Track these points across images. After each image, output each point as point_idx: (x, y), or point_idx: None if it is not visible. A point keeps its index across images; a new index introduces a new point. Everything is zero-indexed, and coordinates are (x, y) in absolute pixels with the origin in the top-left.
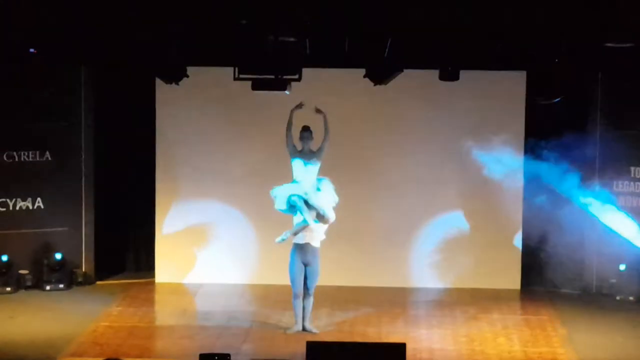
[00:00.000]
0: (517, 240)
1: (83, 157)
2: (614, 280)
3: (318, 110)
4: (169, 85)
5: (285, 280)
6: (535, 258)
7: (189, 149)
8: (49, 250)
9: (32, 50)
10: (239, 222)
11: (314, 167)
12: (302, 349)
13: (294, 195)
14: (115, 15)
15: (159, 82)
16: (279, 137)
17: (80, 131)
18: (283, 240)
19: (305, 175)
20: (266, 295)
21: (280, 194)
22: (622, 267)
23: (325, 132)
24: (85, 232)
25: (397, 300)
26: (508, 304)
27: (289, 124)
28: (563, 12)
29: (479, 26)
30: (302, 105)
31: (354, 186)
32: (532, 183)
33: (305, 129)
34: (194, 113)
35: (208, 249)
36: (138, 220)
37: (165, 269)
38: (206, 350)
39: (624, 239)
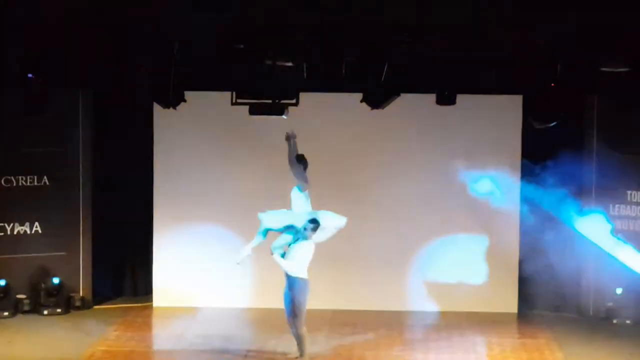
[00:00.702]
0: (514, 264)
1: (81, 181)
2: (610, 304)
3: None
4: (166, 110)
5: (282, 304)
6: (532, 281)
7: (187, 173)
8: (47, 274)
9: (30, 75)
10: (236, 246)
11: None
12: None
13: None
14: (113, 41)
15: (156, 107)
16: (276, 161)
17: (78, 156)
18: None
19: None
20: (263, 319)
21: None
22: (619, 290)
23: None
24: (83, 256)
25: (394, 324)
26: (505, 328)
27: (292, 154)
28: (559, 36)
29: (476, 51)
30: (293, 135)
31: (351, 209)
32: (529, 206)
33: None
34: (191, 137)
35: (205, 272)
36: (135, 244)
37: (162, 293)
38: None
39: (621, 262)
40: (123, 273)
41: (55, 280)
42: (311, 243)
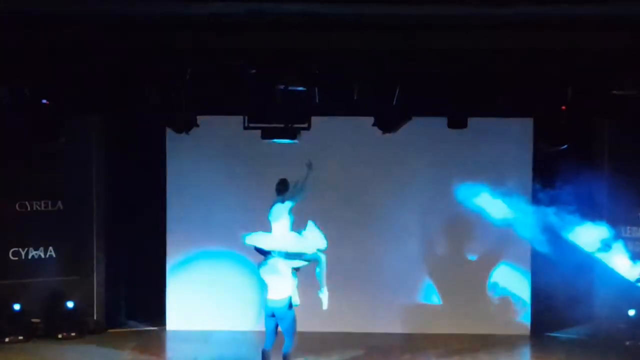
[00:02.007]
0: (526, 286)
1: (94, 206)
2: (623, 326)
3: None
4: (179, 134)
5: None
6: (544, 303)
7: (199, 197)
8: (61, 299)
9: (44, 101)
10: (249, 270)
11: None
12: None
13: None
14: (125, 66)
15: (169, 132)
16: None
17: (91, 180)
18: None
19: None
20: (276, 342)
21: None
22: (632, 312)
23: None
24: (97, 280)
25: (405, 346)
26: (518, 350)
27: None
28: (569, 60)
29: (487, 74)
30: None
31: (362, 233)
32: (540, 229)
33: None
34: (204, 162)
35: (219, 296)
36: (149, 268)
37: (176, 317)
38: None
39: (633, 284)
40: (137, 297)
41: (70, 304)
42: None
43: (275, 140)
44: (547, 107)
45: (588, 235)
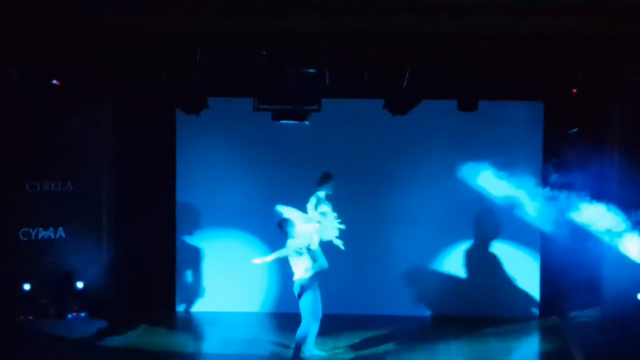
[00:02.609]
0: (536, 269)
1: (104, 186)
2: (632, 309)
3: None
4: (189, 116)
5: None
6: (553, 286)
7: (209, 178)
8: (71, 279)
9: (54, 82)
10: (259, 251)
11: None
12: None
13: None
14: (137, 48)
15: (179, 114)
16: (298, 167)
17: (101, 161)
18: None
19: None
20: (285, 323)
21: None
22: None
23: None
24: (107, 261)
25: (415, 328)
26: (527, 333)
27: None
28: (581, 43)
29: (498, 58)
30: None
31: (372, 215)
32: (550, 212)
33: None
34: (214, 143)
35: (228, 277)
36: (158, 249)
37: (185, 298)
38: None
39: None
40: (146, 278)
41: (79, 285)
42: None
43: (285, 121)
44: (558, 91)
45: (598, 219)
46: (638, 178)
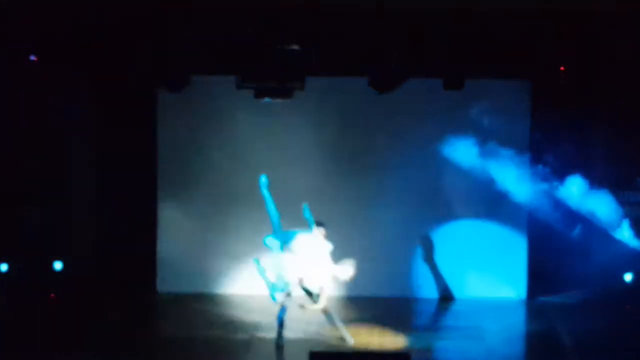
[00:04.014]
0: (523, 250)
1: (85, 164)
2: (619, 290)
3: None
4: (171, 94)
5: None
6: (540, 267)
7: (190, 157)
8: (51, 258)
9: (32, 57)
10: (240, 233)
11: None
12: (304, 359)
13: None
14: (118, 24)
15: (161, 92)
16: (281, 146)
17: (86, 138)
18: None
19: None
20: (267, 305)
21: None
22: (628, 276)
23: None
24: (87, 239)
25: (401, 310)
26: (514, 314)
27: None
28: (569, 22)
29: (484, 36)
30: None
31: (357, 194)
32: (538, 192)
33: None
34: (196, 121)
35: (209, 259)
36: (140, 228)
37: (166, 279)
38: None
39: (629, 248)
40: (127, 258)
41: (58, 266)
42: None
43: (268, 99)
44: (545, 69)
45: (586, 200)
46: (626, 158)
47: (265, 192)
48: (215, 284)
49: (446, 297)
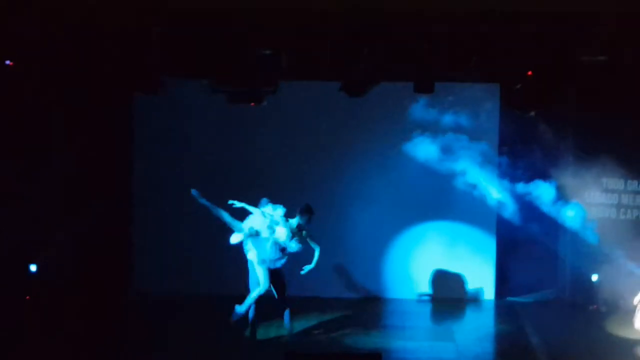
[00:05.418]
0: (491, 251)
1: (59, 166)
2: (586, 291)
3: None
4: (146, 97)
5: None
6: (508, 268)
7: (166, 159)
8: (24, 260)
9: (7, 62)
10: (215, 232)
11: None
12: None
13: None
14: (93, 27)
15: (136, 95)
16: (255, 148)
17: (62, 139)
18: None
19: None
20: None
21: None
22: (595, 277)
23: None
24: (63, 241)
25: (372, 311)
26: (482, 314)
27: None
28: (537, 25)
29: (454, 39)
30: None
31: (329, 198)
32: (506, 194)
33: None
34: (171, 124)
35: (186, 259)
36: (116, 229)
37: (142, 279)
38: None
39: (596, 249)
40: (104, 259)
41: (33, 268)
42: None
43: (241, 104)
44: (514, 72)
45: (553, 201)
46: (592, 159)
47: (203, 201)
48: (194, 284)
49: (418, 297)
